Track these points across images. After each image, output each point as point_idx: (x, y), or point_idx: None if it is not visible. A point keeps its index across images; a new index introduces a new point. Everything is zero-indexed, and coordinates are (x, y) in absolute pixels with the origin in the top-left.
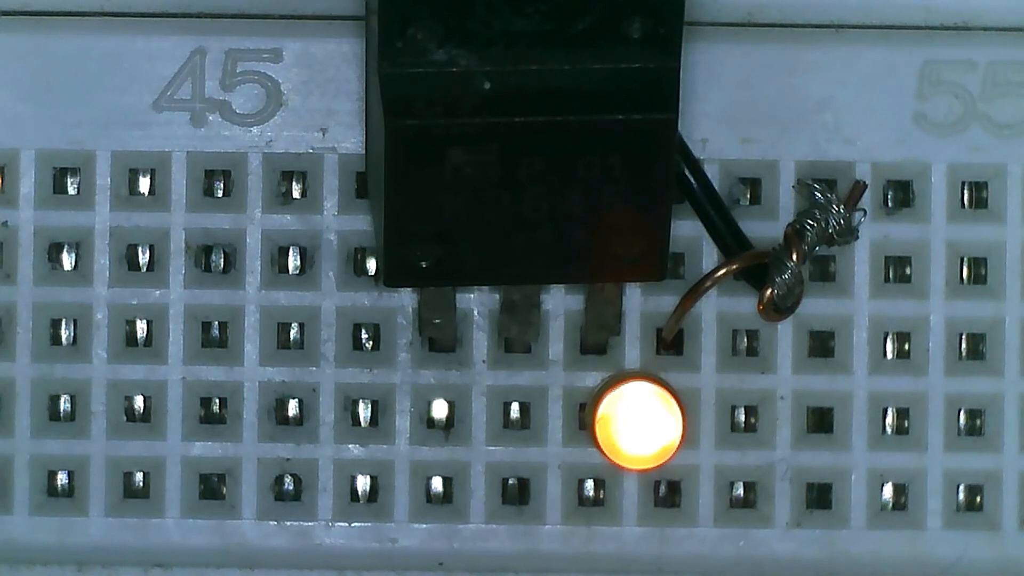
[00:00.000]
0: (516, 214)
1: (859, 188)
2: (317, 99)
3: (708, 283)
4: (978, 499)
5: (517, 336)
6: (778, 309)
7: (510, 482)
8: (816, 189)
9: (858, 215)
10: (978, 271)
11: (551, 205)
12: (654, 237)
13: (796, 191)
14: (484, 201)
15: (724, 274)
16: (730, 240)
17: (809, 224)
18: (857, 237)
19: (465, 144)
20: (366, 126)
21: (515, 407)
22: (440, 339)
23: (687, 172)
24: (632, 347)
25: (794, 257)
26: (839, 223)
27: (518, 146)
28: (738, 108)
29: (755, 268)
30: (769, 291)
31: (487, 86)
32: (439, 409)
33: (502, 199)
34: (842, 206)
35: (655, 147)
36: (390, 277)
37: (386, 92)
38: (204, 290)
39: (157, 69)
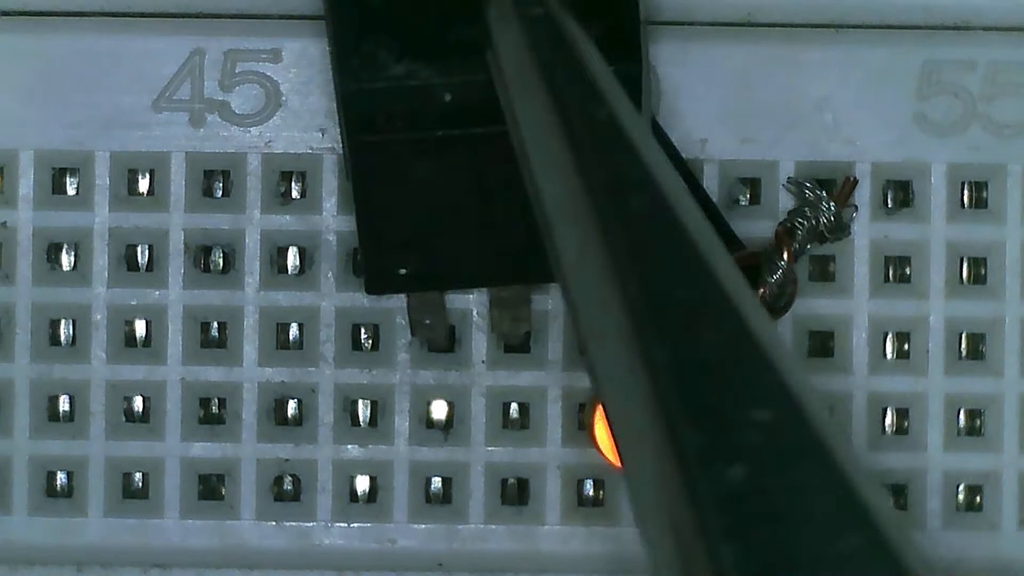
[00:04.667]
0: (487, 219)
1: (849, 184)
2: (316, 99)
3: None
4: (978, 499)
5: (509, 331)
6: (771, 309)
7: (509, 482)
8: (805, 187)
9: (849, 211)
10: (978, 271)
11: (522, 208)
12: None
13: (787, 189)
14: (454, 209)
15: None
16: (721, 240)
17: (799, 222)
18: (849, 233)
19: (429, 156)
20: (341, 137)
21: (514, 407)
22: (432, 340)
23: None
24: None
25: (785, 256)
26: (830, 220)
27: (483, 156)
28: (738, 108)
29: (747, 268)
30: (761, 291)
31: (448, 98)
32: (438, 409)
33: (471, 206)
34: (832, 203)
35: None
36: (371, 286)
37: (347, 109)
38: (203, 290)
39: (156, 69)
